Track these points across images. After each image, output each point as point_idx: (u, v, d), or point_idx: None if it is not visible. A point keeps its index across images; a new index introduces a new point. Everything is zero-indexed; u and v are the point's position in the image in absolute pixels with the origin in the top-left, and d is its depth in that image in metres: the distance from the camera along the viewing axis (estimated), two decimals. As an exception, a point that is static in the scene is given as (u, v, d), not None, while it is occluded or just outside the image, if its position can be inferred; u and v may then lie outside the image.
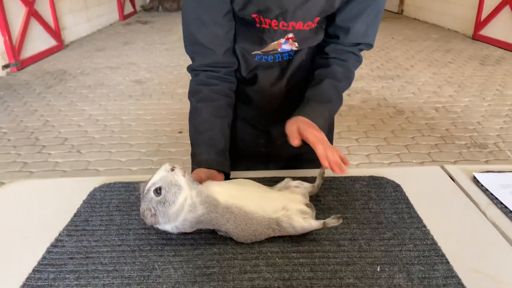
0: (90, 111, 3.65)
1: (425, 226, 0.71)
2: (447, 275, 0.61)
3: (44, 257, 0.69)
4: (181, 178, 0.67)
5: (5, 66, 4.69)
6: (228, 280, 0.62)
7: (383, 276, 0.61)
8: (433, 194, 0.83)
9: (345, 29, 0.89)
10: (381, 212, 0.76)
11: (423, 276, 0.61)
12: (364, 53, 1.03)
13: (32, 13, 5.12)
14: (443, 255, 0.65)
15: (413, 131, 3.16)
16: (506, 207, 0.77)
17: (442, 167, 0.92)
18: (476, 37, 6.20)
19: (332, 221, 0.68)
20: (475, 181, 0.86)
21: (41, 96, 4.01)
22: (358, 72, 3.78)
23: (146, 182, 0.69)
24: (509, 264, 0.64)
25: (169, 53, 5.74)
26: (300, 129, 0.77)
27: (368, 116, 3.46)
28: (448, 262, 0.63)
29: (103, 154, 2.88)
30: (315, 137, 0.75)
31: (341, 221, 0.68)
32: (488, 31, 6.00)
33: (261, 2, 0.80)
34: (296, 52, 0.91)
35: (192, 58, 0.92)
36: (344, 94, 0.97)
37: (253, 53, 0.90)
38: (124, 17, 8.50)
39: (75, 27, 6.50)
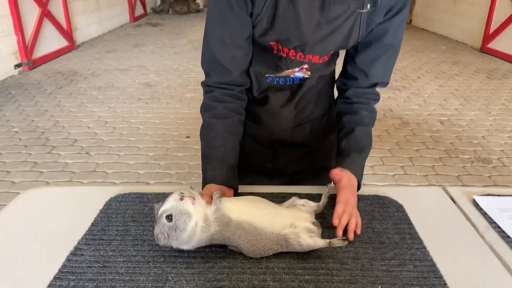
0: (100, 113, 3.71)
1: (425, 248, 0.75)
2: (444, 296, 0.64)
3: (64, 265, 0.73)
4: (190, 206, 0.71)
5: (17, 65, 4.77)
6: (237, 293, 0.66)
7: (384, 295, 0.65)
8: (434, 215, 0.86)
9: (364, 72, 0.94)
10: (384, 232, 0.80)
11: (421, 296, 0.64)
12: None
13: (46, 14, 5.21)
14: (441, 277, 0.68)
15: (418, 144, 3.19)
16: (503, 231, 0.80)
17: (444, 189, 0.95)
18: (484, 50, 6.22)
19: (337, 242, 0.73)
20: (475, 204, 0.89)
21: (51, 96, 4.08)
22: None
23: (160, 203, 0.73)
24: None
25: (178, 56, 5.80)
26: (338, 184, 0.85)
27: (373, 126, 3.48)
28: (445, 284, 0.67)
29: (111, 156, 2.93)
30: (343, 198, 0.82)
31: (346, 242, 0.73)
32: (496, 44, 6.02)
33: (282, 32, 0.84)
34: (307, 78, 0.95)
35: (208, 74, 0.96)
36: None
37: (266, 75, 0.94)
38: (134, 19, 8.60)
39: (86, 28, 6.58)
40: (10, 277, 0.71)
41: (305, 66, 0.91)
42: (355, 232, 0.78)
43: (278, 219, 0.74)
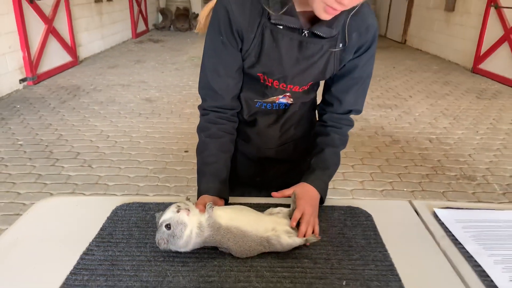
0: (102, 127, 3.85)
1: (386, 251, 0.88)
2: (397, 290, 0.77)
3: (78, 263, 0.85)
4: (185, 217, 0.84)
5: (23, 80, 4.93)
6: (225, 287, 0.79)
7: (347, 289, 0.77)
8: (398, 224, 0.99)
9: (338, 99, 1.09)
10: (353, 237, 0.92)
11: (378, 290, 0.77)
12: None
13: (51, 30, 5.39)
14: (397, 275, 0.81)
15: (407, 161, 3.33)
16: (456, 239, 0.93)
17: (410, 202, 1.09)
18: (476, 70, 6.41)
19: (312, 238, 0.87)
20: (435, 215, 1.02)
21: (55, 111, 4.23)
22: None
23: (160, 213, 0.86)
24: (451, 287, 0.80)
25: (178, 73, 5.98)
26: (296, 194, 0.96)
27: (365, 143, 3.64)
28: (400, 280, 0.80)
29: (112, 169, 3.06)
30: (300, 207, 0.94)
31: (319, 238, 0.86)
32: (487, 65, 6.22)
33: (267, 66, 0.99)
34: (291, 104, 1.10)
35: (204, 99, 1.10)
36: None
37: (254, 100, 1.08)
38: (136, 35, 8.81)
39: (89, 44, 6.77)
40: (32, 272, 0.83)
41: (287, 94, 1.05)
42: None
43: (261, 224, 0.87)
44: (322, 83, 1.14)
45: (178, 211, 0.84)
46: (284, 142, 1.17)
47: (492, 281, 0.80)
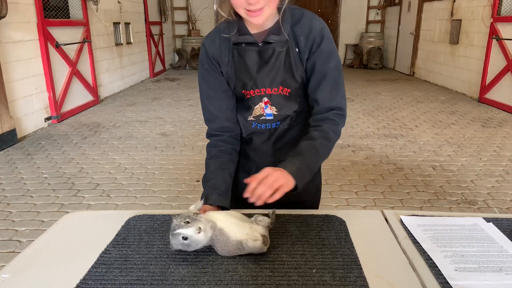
0: (120, 160, 4.10)
1: (353, 247, 1.04)
2: (358, 275, 0.93)
3: (98, 260, 1.04)
4: (203, 237, 1.01)
5: (47, 118, 5.28)
6: (217, 276, 0.96)
7: (317, 275, 0.94)
8: (367, 228, 1.15)
9: (314, 99, 1.24)
10: (326, 238, 1.09)
11: (342, 276, 0.93)
12: (372, 113, 1.38)
13: (75, 73, 5.80)
14: (359, 265, 0.97)
15: (409, 187, 3.45)
16: (415, 239, 1.09)
17: (382, 211, 1.25)
18: (482, 100, 6.54)
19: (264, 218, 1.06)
20: (401, 222, 1.18)
21: (77, 146, 4.52)
22: (364, 131, 4.34)
23: (175, 216, 1.03)
24: (405, 275, 0.96)
25: (192, 108, 6.28)
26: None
27: (369, 171, 3.78)
28: (361, 269, 0.95)
29: (129, 198, 3.27)
30: (265, 171, 1.08)
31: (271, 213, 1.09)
32: (493, 94, 6.35)
33: (241, 79, 1.24)
34: (280, 122, 1.29)
35: (207, 125, 1.34)
36: (349, 151, 1.32)
37: (248, 119, 1.29)
38: (154, 74, 9.27)
39: (110, 84, 7.19)
40: (61, 267, 1.02)
41: (265, 99, 1.25)
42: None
43: (240, 230, 1.03)
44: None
45: (198, 232, 1.01)
46: (278, 159, 1.35)
47: (439, 270, 0.96)
